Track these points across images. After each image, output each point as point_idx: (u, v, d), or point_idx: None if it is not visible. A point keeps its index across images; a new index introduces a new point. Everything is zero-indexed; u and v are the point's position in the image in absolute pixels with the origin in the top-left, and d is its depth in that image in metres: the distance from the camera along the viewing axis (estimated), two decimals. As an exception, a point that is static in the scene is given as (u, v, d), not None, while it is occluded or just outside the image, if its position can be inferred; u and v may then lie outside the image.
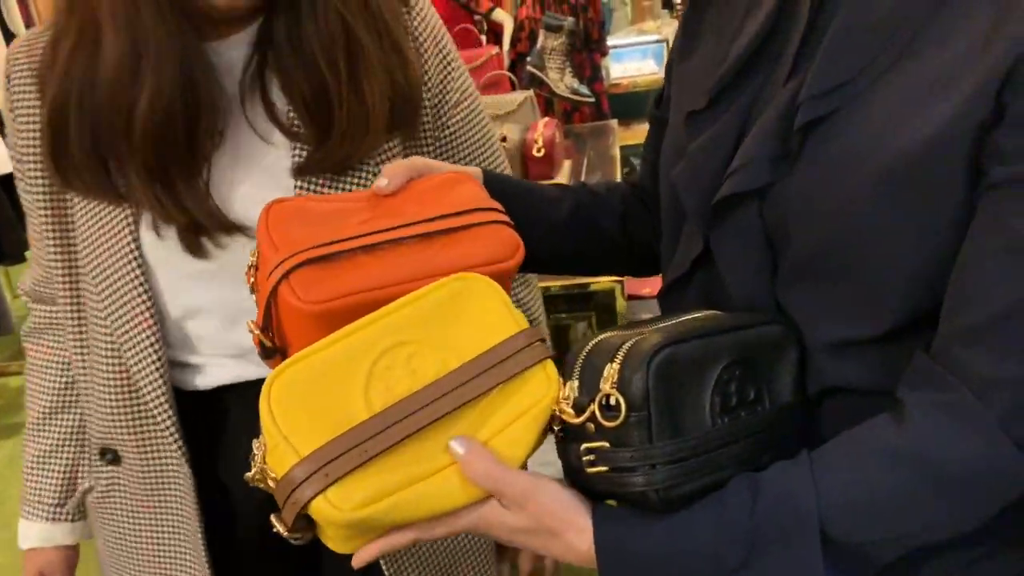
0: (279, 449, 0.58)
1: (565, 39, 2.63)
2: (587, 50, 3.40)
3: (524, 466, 0.63)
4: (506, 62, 3.19)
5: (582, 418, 0.59)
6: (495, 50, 2.83)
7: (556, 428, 0.62)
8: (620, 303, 1.58)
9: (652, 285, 2.17)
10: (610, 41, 3.85)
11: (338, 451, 0.57)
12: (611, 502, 0.61)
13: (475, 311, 0.64)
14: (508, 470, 0.60)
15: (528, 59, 2.76)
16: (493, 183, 0.78)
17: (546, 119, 2.23)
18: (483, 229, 0.70)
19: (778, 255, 0.64)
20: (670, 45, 0.80)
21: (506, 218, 0.71)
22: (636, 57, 4.55)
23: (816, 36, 0.62)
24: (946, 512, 0.57)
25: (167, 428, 0.89)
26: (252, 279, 0.71)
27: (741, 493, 0.58)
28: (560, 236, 0.83)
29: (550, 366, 0.63)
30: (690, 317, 0.64)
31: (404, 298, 0.64)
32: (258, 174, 0.85)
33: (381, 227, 0.68)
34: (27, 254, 3.61)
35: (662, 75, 1.09)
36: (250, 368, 0.88)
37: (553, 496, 0.61)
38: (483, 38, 3.60)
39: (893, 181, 0.57)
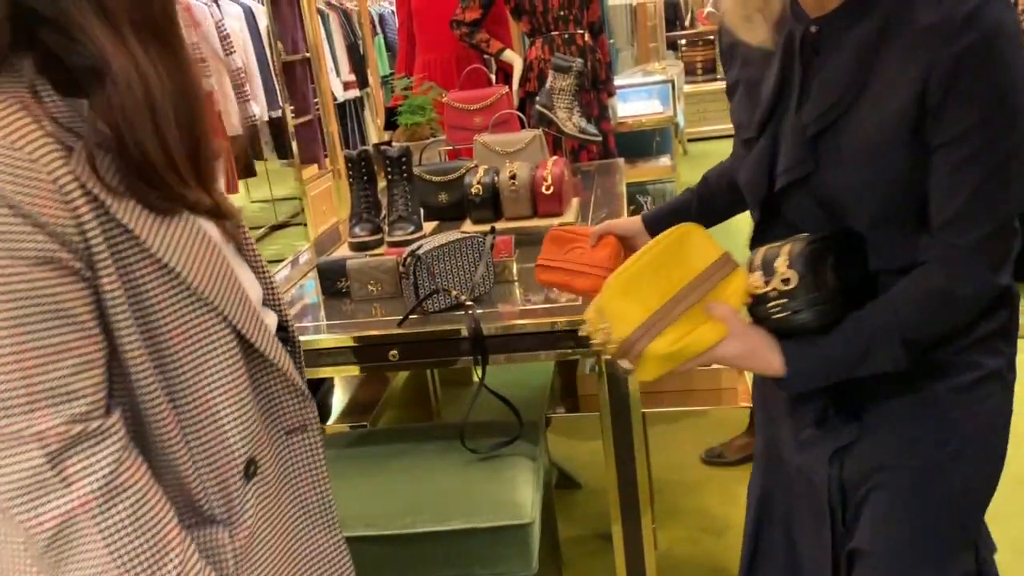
0: (620, 323, 1.09)
1: (574, 80, 2.69)
2: (595, 90, 3.46)
3: None
4: (515, 101, 3.25)
5: (768, 288, 1.07)
6: (505, 90, 2.89)
7: (747, 301, 1.11)
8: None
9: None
10: (616, 81, 3.91)
11: (653, 322, 1.08)
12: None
13: (696, 244, 1.14)
14: (736, 314, 1.10)
15: (537, 98, 2.81)
16: (653, 220, 1.40)
17: (555, 157, 2.27)
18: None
19: (823, 208, 1.09)
20: (675, 85, 1.25)
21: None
22: (642, 97, 4.62)
23: (807, 87, 1.09)
24: (961, 315, 1.05)
25: (302, 393, 1.01)
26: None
27: (859, 319, 1.06)
28: (698, 217, 1.33)
29: (741, 271, 1.13)
30: (795, 237, 1.09)
31: (654, 240, 1.14)
32: None
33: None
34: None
35: (667, 114, 1.57)
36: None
37: (758, 332, 1.10)
38: (493, 77, 3.67)
39: (873, 154, 1.03)
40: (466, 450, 1.75)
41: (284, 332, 1.07)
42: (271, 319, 1.04)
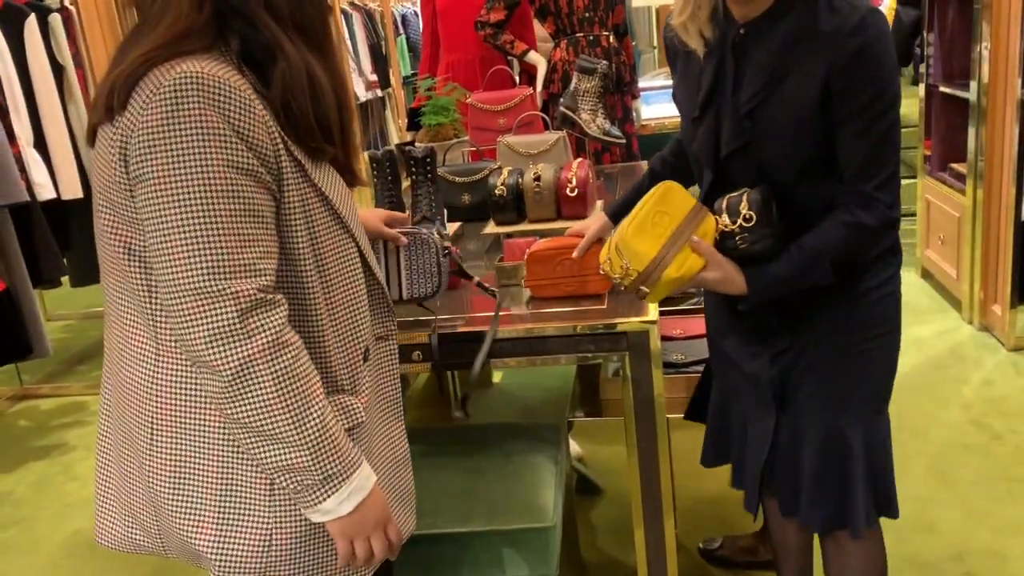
0: (638, 259, 1.43)
1: (598, 82, 2.67)
2: (619, 92, 3.44)
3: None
4: (539, 103, 3.24)
5: (735, 226, 1.44)
6: (529, 91, 2.88)
7: (717, 236, 1.46)
8: (655, 343, 1.59)
9: (683, 327, 2.18)
10: (639, 84, 3.89)
11: (662, 255, 1.43)
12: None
13: (676, 196, 1.47)
14: (713, 248, 1.45)
15: (561, 100, 2.80)
16: (616, 212, 1.75)
17: (580, 159, 2.26)
18: None
19: (759, 168, 1.46)
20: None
21: None
22: (663, 100, 4.59)
23: (740, 76, 1.44)
24: (870, 240, 1.43)
25: (391, 307, 1.31)
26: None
27: (800, 247, 1.43)
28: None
29: (711, 215, 1.47)
30: (748, 188, 1.45)
31: (646, 196, 1.47)
32: None
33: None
34: (64, 279, 3.68)
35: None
36: None
37: (728, 261, 1.45)
38: (517, 79, 3.66)
39: (794, 127, 1.39)
40: (487, 452, 1.74)
41: None
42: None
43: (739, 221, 1.42)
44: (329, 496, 1.08)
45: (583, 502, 2.53)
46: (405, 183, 2.28)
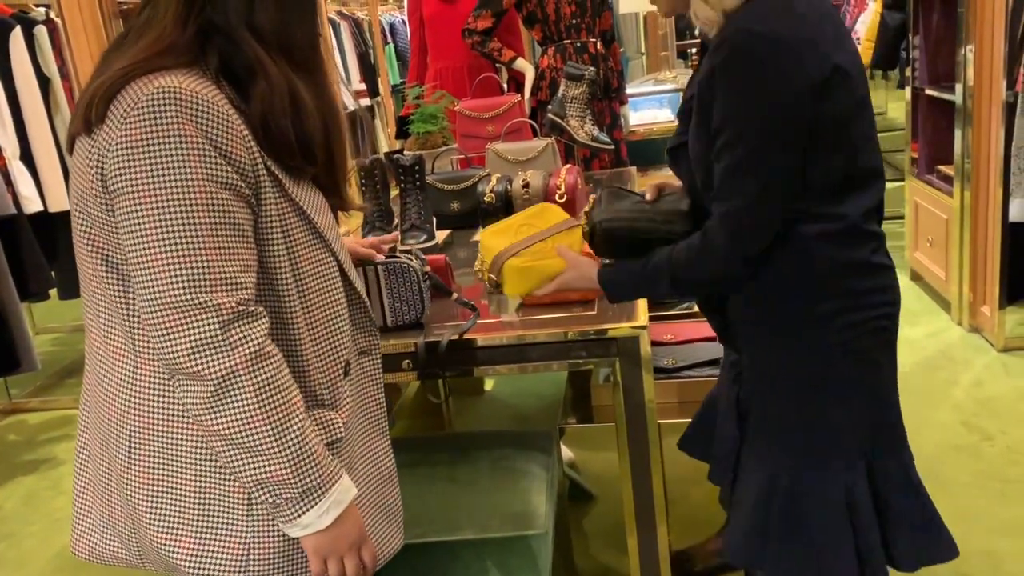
0: (487, 252, 1.67)
1: (586, 88, 2.68)
2: (607, 99, 3.45)
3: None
4: (527, 110, 3.24)
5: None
6: (517, 98, 2.88)
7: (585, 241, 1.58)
8: (645, 349, 1.59)
9: (674, 331, 2.18)
10: (627, 90, 3.90)
11: (510, 249, 1.63)
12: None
13: (550, 212, 1.73)
14: (574, 252, 1.59)
15: (549, 107, 2.80)
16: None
17: (568, 166, 2.26)
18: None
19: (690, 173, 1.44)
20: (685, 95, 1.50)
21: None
22: (653, 106, 4.60)
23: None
24: (712, 267, 1.35)
25: (373, 321, 1.30)
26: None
27: (656, 253, 1.42)
28: None
29: (580, 228, 1.63)
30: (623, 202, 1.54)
31: (522, 212, 1.78)
32: None
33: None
34: (52, 292, 3.65)
35: (677, 123, 1.52)
36: None
37: (587, 261, 1.56)
38: (505, 86, 3.67)
39: (697, 135, 1.35)
40: (479, 460, 1.74)
41: None
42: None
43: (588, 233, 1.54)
44: (308, 510, 1.07)
45: (576, 508, 2.52)
46: (394, 191, 2.27)
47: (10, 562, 2.66)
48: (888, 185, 6.43)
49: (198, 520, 1.11)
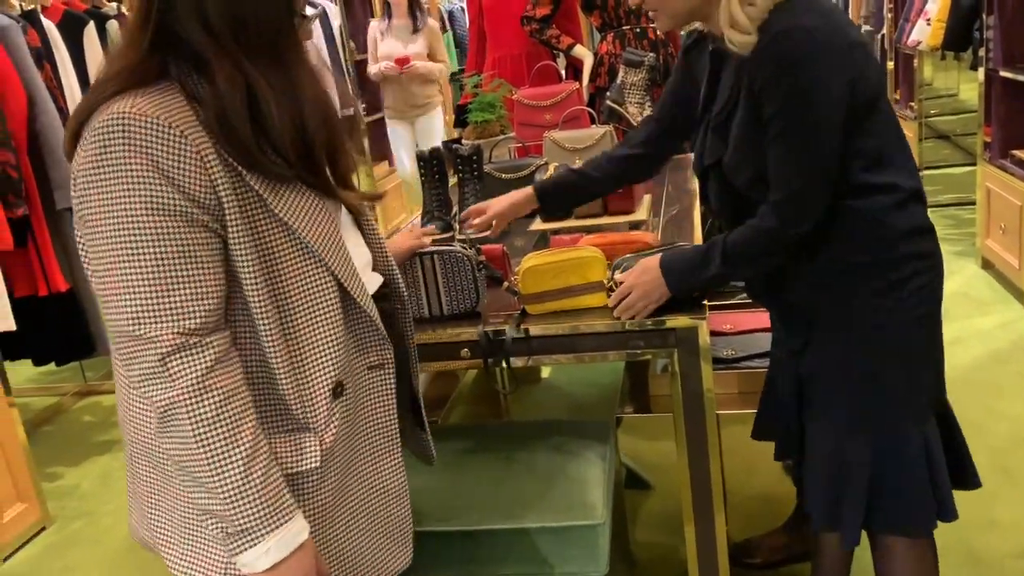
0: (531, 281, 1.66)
1: (645, 75, 2.65)
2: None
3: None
4: (585, 97, 3.22)
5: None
6: (575, 86, 2.87)
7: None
8: (703, 339, 1.57)
9: (732, 321, 2.16)
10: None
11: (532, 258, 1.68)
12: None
13: (591, 267, 1.66)
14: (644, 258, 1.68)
15: (608, 94, 2.78)
16: (546, 193, 1.92)
17: (626, 154, 2.24)
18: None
19: (726, 183, 1.52)
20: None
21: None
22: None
23: (713, 90, 1.54)
24: (770, 249, 1.47)
25: (384, 336, 1.22)
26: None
27: (709, 248, 1.53)
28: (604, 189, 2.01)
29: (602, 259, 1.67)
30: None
31: (574, 250, 1.67)
32: None
33: None
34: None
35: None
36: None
37: (650, 259, 1.62)
38: (563, 73, 3.65)
39: (746, 138, 1.44)
40: (536, 449, 1.75)
41: (387, 292, 1.33)
42: (375, 280, 1.30)
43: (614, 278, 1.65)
44: (247, 548, 1.04)
45: (633, 497, 2.52)
46: (452, 180, 2.29)
47: (87, 539, 2.77)
48: (959, 170, 6.25)
49: (184, 534, 1.13)
